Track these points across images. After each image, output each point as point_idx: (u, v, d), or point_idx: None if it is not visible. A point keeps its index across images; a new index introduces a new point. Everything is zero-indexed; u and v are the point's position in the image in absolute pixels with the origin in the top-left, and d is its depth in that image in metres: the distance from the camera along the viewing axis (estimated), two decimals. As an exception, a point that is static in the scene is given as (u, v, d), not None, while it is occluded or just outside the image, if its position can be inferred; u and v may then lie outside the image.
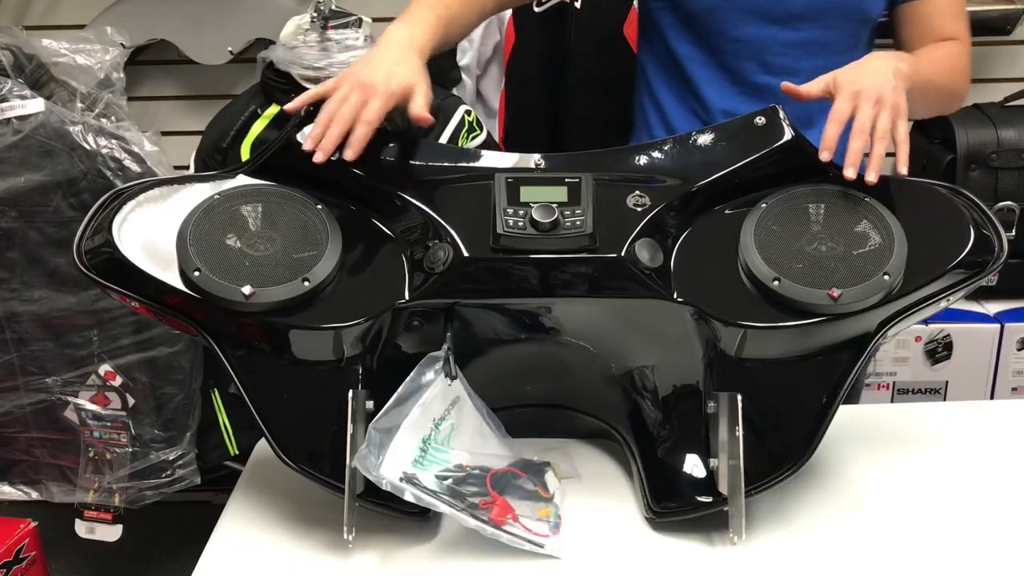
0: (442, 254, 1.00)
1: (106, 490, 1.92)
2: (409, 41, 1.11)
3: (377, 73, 1.07)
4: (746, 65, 1.35)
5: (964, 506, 1.08)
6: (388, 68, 1.07)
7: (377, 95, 1.05)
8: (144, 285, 1.02)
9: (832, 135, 1.06)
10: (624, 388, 1.13)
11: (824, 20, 1.32)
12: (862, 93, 1.07)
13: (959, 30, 1.35)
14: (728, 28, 1.33)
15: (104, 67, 1.89)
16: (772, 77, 1.33)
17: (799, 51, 1.33)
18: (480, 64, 2.13)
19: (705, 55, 1.37)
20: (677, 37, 1.38)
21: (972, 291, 1.07)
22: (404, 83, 1.07)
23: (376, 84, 1.05)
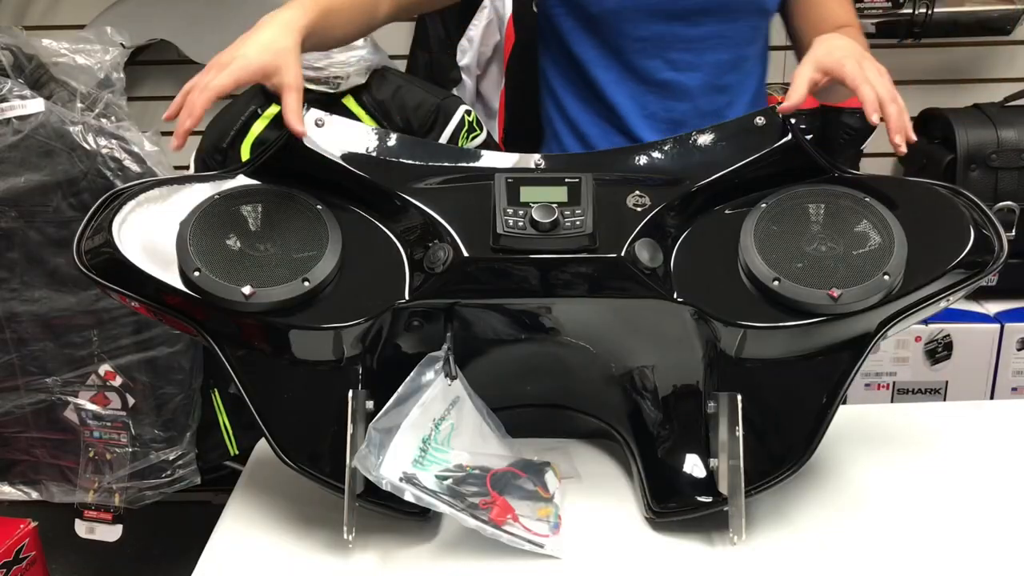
0: (442, 254, 1.00)
1: (106, 490, 1.92)
2: (281, 21, 1.05)
3: (232, 51, 1.01)
4: (650, 63, 1.35)
5: (964, 506, 1.08)
6: (248, 45, 1.01)
7: (224, 67, 1.00)
8: (144, 285, 1.02)
9: (873, 96, 1.05)
10: (624, 388, 1.13)
11: (723, 15, 1.33)
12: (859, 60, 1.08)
13: (851, 17, 1.37)
14: (630, 28, 1.33)
15: (104, 67, 1.89)
16: (677, 73, 1.35)
17: (701, 46, 1.34)
18: (480, 64, 2.13)
19: (608, 57, 1.36)
20: (579, 41, 1.37)
21: (972, 291, 1.07)
22: (261, 62, 1.00)
23: (228, 59, 1.00)
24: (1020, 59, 2.27)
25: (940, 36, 2.12)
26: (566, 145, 1.43)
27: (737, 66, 1.37)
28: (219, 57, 1.02)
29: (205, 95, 0.99)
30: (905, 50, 2.20)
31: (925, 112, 2.17)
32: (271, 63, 1.01)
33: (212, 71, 1.01)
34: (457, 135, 1.85)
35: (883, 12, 2.08)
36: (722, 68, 1.35)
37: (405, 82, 1.90)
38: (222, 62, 1.01)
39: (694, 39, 1.33)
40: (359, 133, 1.11)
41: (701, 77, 1.35)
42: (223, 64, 1.01)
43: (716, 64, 1.34)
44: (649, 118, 1.37)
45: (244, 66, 1.00)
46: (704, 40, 1.34)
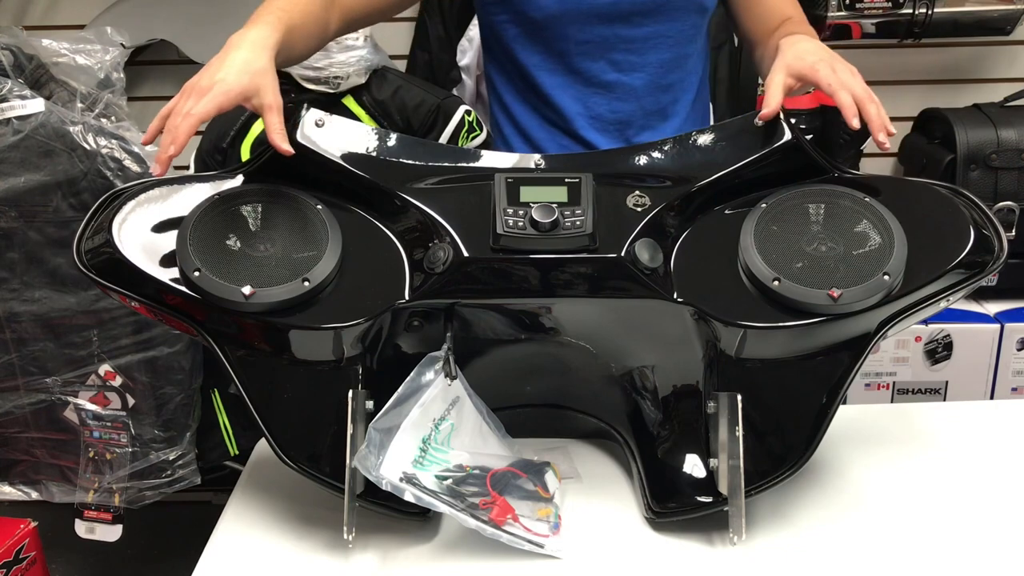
0: (442, 254, 1.00)
1: (106, 490, 1.92)
2: (252, 43, 1.04)
3: (210, 75, 1.00)
4: (595, 65, 1.36)
5: (964, 506, 1.08)
6: (224, 69, 1.00)
7: (204, 93, 0.98)
8: (144, 285, 1.02)
9: (850, 101, 1.07)
10: (624, 388, 1.13)
11: (664, 15, 1.34)
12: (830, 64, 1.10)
13: (794, 8, 1.37)
14: (573, 32, 1.34)
15: (104, 67, 1.89)
16: (621, 74, 1.36)
17: (644, 46, 1.35)
18: (480, 64, 2.13)
19: (552, 61, 1.37)
20: (522, 48, 1.37)
21: (972, 291, 1.07)
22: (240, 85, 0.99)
23: (208, 84, 0.99)
24: (1020, 59, 2.27)
25: (940, 36, 2.12)
26: (515, 148, 1.44)
27: (679, 64, 1.38)
28: (196, 81, 1.00)
29: (189, 122, 0.97)
30: (905, 50, 2.20)
31: (925, 112, 2.17)
32: (250, 85, 1.00)
33: (192, 97, 0.99)
34: (457, 135, 1.86)
35: (883, 12, 2.08)
36: (665, 67, 1.36)
37: (405, 82, 1.90)
38: (201, 87, 0.99)
39: (636, 40, 1.34)
40: (359, 133, 1.11)
41: (645, 77, 1.36)
42: (203, 89, 0.99)
43: (659, 64, 1.36)
44: (595, 119, 1.38)
45: (226, 91, 0.99)
46: (646, 40, 1.35)
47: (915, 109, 2.20)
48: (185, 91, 1.00)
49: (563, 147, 1.40)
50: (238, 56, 1.02)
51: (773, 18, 1.35)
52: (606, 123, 1.39)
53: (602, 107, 1.38)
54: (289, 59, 1.14)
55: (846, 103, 1.07)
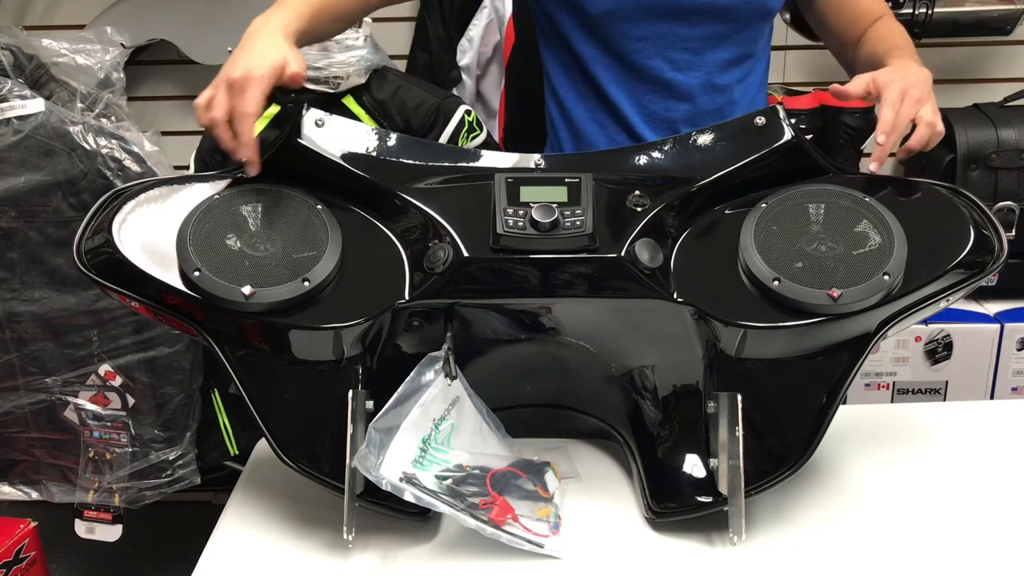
0: (442, 254, 1.00)
1: (106, 490, 1.92)
2: (270, 28, 1.07)
3: (242, 64, 1.02)
4: (650, 63, 1.35)
5: (964, 506, 1.07)
6: (251, 57, 1.03)
7: (248, 83, 1.01)
8: (144, 285, 1.02)
9: (889, 119, 1.11)
10: (624, 388, 1.13)
11: (725, 15, 1.33)
12: (908, 91, 1.12)
13: (882, 7, 1.39)
14: (630, 28, 1.33)
15: (104, 67, 1.89)
16: (677, 72, 1.35)
17: (701, 45, 1.34)
18: (480, 64, 2.14)
19: (608, 57, 1.36)
20: (579, 41, 1.36)
21: (972, 291, 1.08)
22: (273, 59, 1.02)
23: (244, 74, 1.01)
24: (1020, 59, 2.27)
25: (940, 36, 2.12)
26: (563, 144, 1.43)
27: (738, 65, 1.36)
28: (228, 73, 1.02)
29: (249, 121, 1.01)
30: (905, 50, 2.20)
31: (925, 112, 2.17)
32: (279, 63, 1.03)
33: (232, 91, 1.01)
34: (457, 135, 1.85)
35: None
36: (722, 67, 1.35)
37: (405, 82, 1.90)
38: (235, 79, 1.01)
39: (694, 39, 1.33)
40: (359, 133, 1.11)
41: (701, 76, 1.35)
42: (239, 83, 1.01)
43: (716, 63, 1.34)
44: (649, 117, 1.37)
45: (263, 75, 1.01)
46: (704, 40, 1.33)
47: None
48: (218, 85, 1.03)
49: (615, 143, 1.39)
50: (256, 43, 1.04)
51: (865, 19, 1.36)
52: (660, 121, 1.37)
53: (656, 105, 1.36)
54: (317, 39, 1.19)
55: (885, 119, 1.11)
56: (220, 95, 1.02)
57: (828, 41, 1.45)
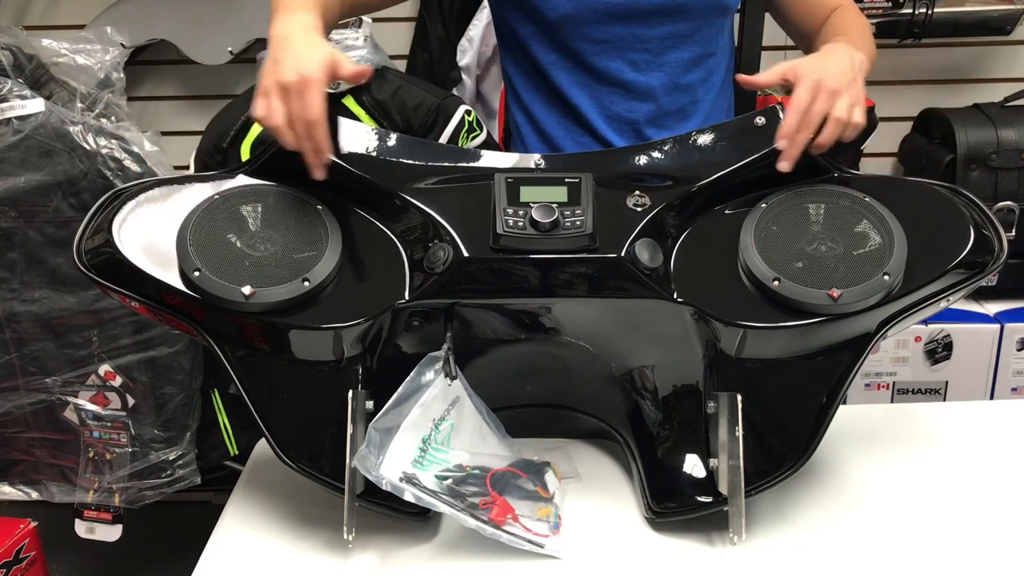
0: (442, 254, 1.00)
1: (106, 490, 1.92)
2: (301, 27, 1.06)
3: (291, 68, 1.00)
4: (611, 65, 1.34)
5: (964, 506, 1.08)
6: (298, 59, 1.01)
7: (307, 87, 1.00)
8: (144, 285, 1.02)
9: (792, 123, 1.07)
10: (624, 388, 1.13)
11: (682, 14, 1.32)
12: (822, 84, 1.07)
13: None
14: (589, 31, 1.32)
15: (104, 67, 1.89)
16: (638, 74, 1.35)
17: (661, 45, 1.34)
18: (480, 64, 2.13)
19: (568, 60, 1.35)
20: (538, 46, 1.36)
21: (972, 291, 1.07)
22: (322, 58, 1.01)
23: (298, 78, 1.00)
24: (1020, 59, 2.27)
25: (940, 36, 2.12)
26: (531, 147, 1.43)
27: (699, 64, 1.36)
28: (278, 79, 1.00)
29: (321, 127, 1.01)
30: (905, 50, 2.20)
31: (925, 112, 2.17)
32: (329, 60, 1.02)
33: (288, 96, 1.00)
34: (457, 135, 1.85)
35: (883, 12, 2.08)
36: (684, 67, 1.35)
37: (405, 82, 1.89)
38: (289, 83, 1.00)
39: (653, 39, 1.33)
40: (359, 133, 1.11)
41: (663, 77, 1.35)
42: (295, 87, 1.00)
43: (677, 63, 1.34)
44: (612, 119, 1.37)
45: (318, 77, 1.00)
46: (664, 40, 1.33)
47: (915, 109, 2.20)
48: (271, 91, 1.01)
49: (581, 144, 1.39)
50: (297, 45, 1.03)
51: (820, 10, 1.33)
52: (623, 122, 1.37)
53: (619, 106, 1.36)
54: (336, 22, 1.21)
55: (786, 123, 1.07)
56: (275, 101, 1.01)
57: (790, 34, 1.43)
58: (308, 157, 1.03)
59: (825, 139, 1.07)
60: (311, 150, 1.03)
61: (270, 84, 1.02)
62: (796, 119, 1.06)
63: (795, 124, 1.06)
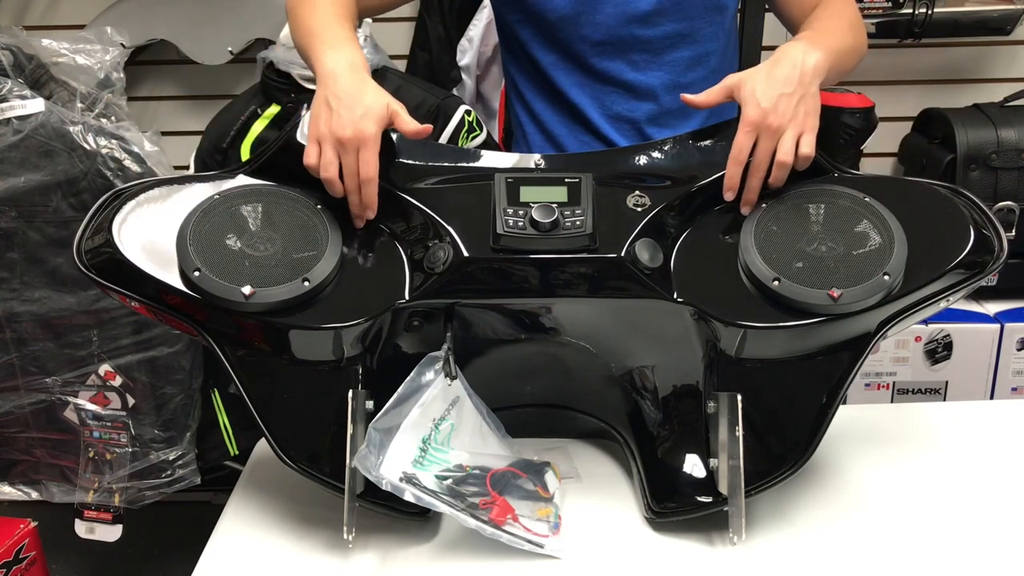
0: (442, 254, 1.00)
1: (106, 490, 1.92)
2: (350, 65, 1.06)
3: (348, 120, 1.01)
4: (611, 65, 1.35)
5: (964, 506, 1.08)
6: (354, 109, 1.02)
7: (363, 144, 1.01)
8: (144, 285, 1.02)
9: (735, 175, 1.05)
10: (624, 388, 1.13)
11: (680, 14, 1.32)
12: (764, 122, 1.03)
13: None
14: (589, 33, 1.32)
15: (104, 67, 1.89)
16: (638, 73, 1.35)
17: (661, 45, 1.34)
18: (480, 64, 2.13)
19: (568, 61, 1.35)
20: (538, 47, 1.36)
21: (972, 291, 1.07)
22: (378, 113, 1.02)
23: (355, 134, 1.01)
24: (1020, 59, 2.27)
25: (940, 36, 2.12)
26: (535, 146, 1.43)
27: (700, 63, 1.36)
28: (336, 132, 1.01)
29: (375, 186, 1.02)
30: (905, 50, 2.20)
31: (925, 112, 2.17)
32: (384, 113, 1.03)
33: (345, 150, 1.01)
34: (457, 135, 1.85)
35: (883, 12, 2.08)
36: (684, 66, 1.35)
37: (405, 82, 1.90)
38: (346, 139, 1.01)
39: (653, 39, 1.33)
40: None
41: (663, 76, 1.35)
42: (351, 143, 1.01)
43: (677, 62, 1.34)
44: (613, 118, 1.37)
45: (374, 135, 1.01)
46: (663, 40, 1.33)
47: (915, 109, 2.20)
48: (327, 140, 1.02)
49: (583, 143, 1.39)
50: (351, 89, 1.03)
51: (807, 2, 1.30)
52: (624, 121, 1.37)
53: (620, 106, 1.36)
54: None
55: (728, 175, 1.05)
56: (330, 153, 1.02)
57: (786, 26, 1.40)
58: (353, 210, 1.04)
59: (774, 183, 1.05)
60: (358, 204, 1.04)
61: (324, 133, 1.02)
62: (737, 171, 1.05)
63: (737, 175, 1.05)
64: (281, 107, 1.86)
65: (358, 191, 1.03)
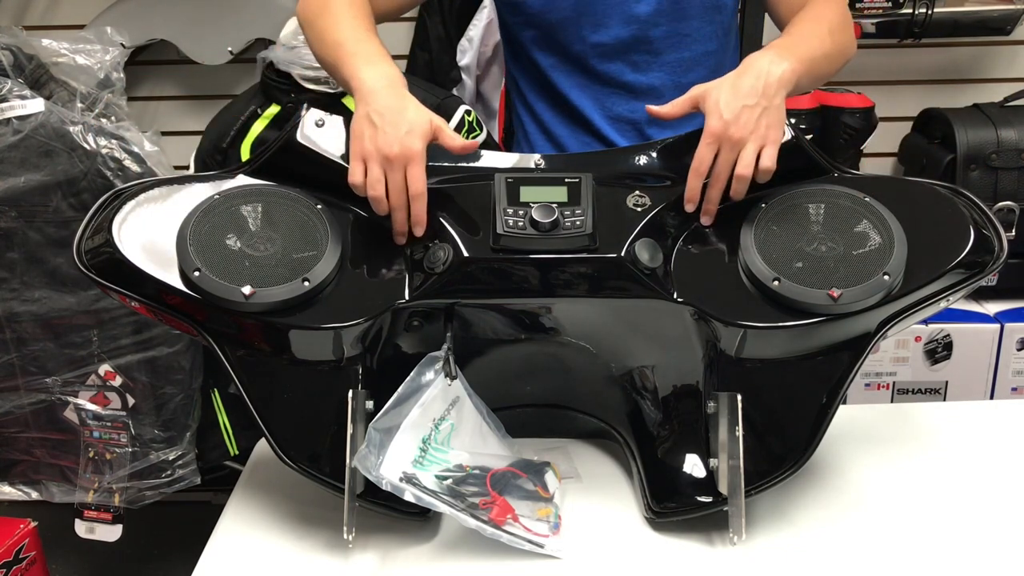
0: (442, 254, 1.00)
1: (106, 490, 1.92)
2: (389, 82, 1.06)
3: (393, 137, 1.01)
4: (612, 67, 1.34)
5: (964, 506, 1.08)
6: (399, 126, 1.01)
7: (411, 161, 1.01)
8: (144, 285, 1.02)
9: (695, 187, 1.05)
10: (624, 388, 1.13)
11: (680, 14, 1.32)
12: (726, 133, 1.02)
13: None
14: (588, 35, 1.32)
15: (104, 67, 1.89)
16: (639, 74, 1.35)
17: (661, 46, 1.33)
18: (480, 64, 2.13)
19: (569, 63, 1.35)
20: (539, 49, 1.36)
21: (972, 291, 1.07)
22: (423, 130, 1.02)
23: (402, 151, 1.01)
24: (1020, 59, 2.27)
25: (940, 36, 2.12)
26: (536, 146, 1.43)
27: (700, 63, 1.36)
28: (382, 149, 1.01)
29: (423, 200, 1.01)
30: (905, 50, 2.20)
31: (925, 112, 2.17)
32: (427, 129, 1.03)
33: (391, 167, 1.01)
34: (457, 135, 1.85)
35: (883, 12, 2.08)
36: (685, 66, 1.35)
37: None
38: (393, 156, 1.00)
39: (653, 40, 1.33)
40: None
41: (664, 77, 1.35)
42: (398, 158, 1.00)
43: (678, 63, 1.34)
44: (614, 120, 1.37)
45: (420, 151, 1.01)
46: (664, 40, 1.33)
47: (915, 109, 2.20)
48: (373, 158, 1.01)
49: (584, 144, 1.39)
50: (393, 106, 1.03)
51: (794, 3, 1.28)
52: (625, 123, 1.37)
53: (621, 107, 1.36)
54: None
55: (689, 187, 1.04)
56: (376, 171, 1.02)
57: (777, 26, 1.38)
58: (399, 227, 1.03)
59: (734, 195, 1.05)
60: (405, 221, 1.03)
61: (370, 151, 1.02)
62: (697, 183, 1.04)
63: (697, 188, 1.05)
64: (281, 107, 1.86)
65: (405, 207, 1.02)
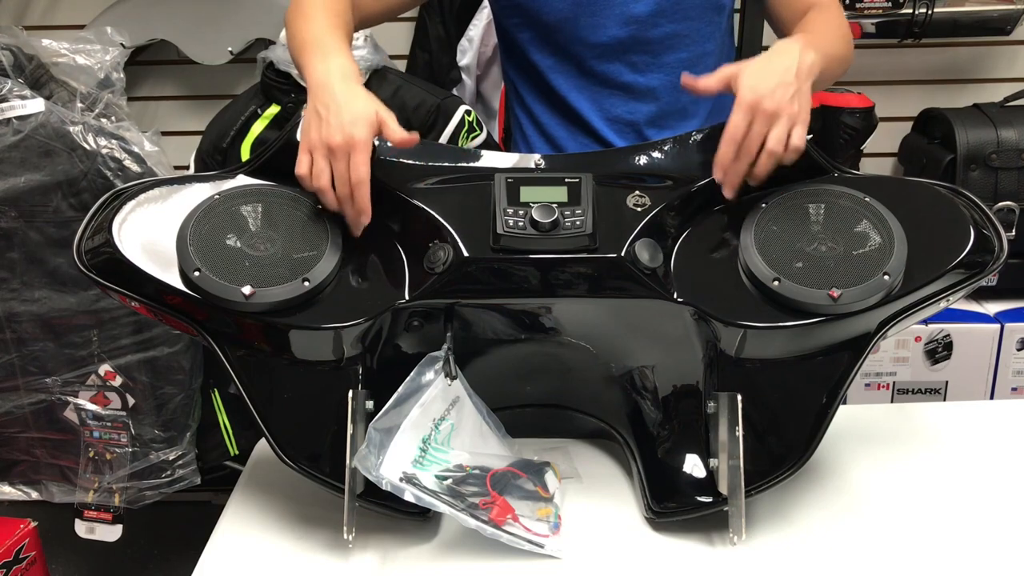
0: (442, 254, 1.00)
1: (106, 490, 1.92)
2: (341, 75, 1.05)
3: (336, 127, 1.00)
4: (610, 67, 1.34)
5: (964, 506, 1.08)
6: (343, 116, 1.01)
7: (354, 149, 1.00)
8: (144, 285, 1.02)
9: (727, 154, 1.04)
10: (624, 388, 1.13)
11: (679, 14, 1.32)
12: (760, 105, 1.02)
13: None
14: (587, 35, 1.32)
15: (104, 67, 1.89)
16: (638, 75, 1.35)
17: (660, 47, 1.33)
18: (480, 64, 2.14)
19: (567, 63, 1.35)
20: (536, 50, 1.36)
21: (972, 291, 1.07)
22: (369, 119, 1.01)
23: (344, 140, 1.00)
24: (1020, 59, 2.27)
25: (940, 36, 2.12)
26: (535, 148, 1.43)
27: (698, 63, 1.36)
28: (326, 138, 1.00)
29: (367, 187, 1.00)
30: (905, 50, 2.20)
31: (925, 112, 2.17)
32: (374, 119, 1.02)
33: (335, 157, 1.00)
34: (457, 135, 1.85)
35: (883, 12, 2.08)
36: (683, 67, 1.33)
37: (405, 82, 1.90)
38: (336, 145, 1.00)
39: (652, 41, 1.33)
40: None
41: (663, 77, 1.35)
42: (341, 146, 1.00)
43: (677, 63, 1.34)
44: (613, 121, 1.37)
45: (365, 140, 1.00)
46: (662, 41, 1.33)
47: (915, 109, 2.21)
48: (318, 149, 1.01)
49: (583, 145, 1.39)
50: (340, 98, 1.02)
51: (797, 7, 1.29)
52: (623, 124, 1.37)
53: (619, 108, 1.36)
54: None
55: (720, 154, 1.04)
56: (321, 161, 1.01)
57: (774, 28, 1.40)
58: (349, 218, 1.03)
59: (760, 171, 1.04)
60: (353, 211, 1.03)
61: (315, 142, 1.01)
62: (731, 149, 1.04)
63: (731, 154, 1.04)
64: (281, 107, 1.86)
65: (351, 197, 1.01)
